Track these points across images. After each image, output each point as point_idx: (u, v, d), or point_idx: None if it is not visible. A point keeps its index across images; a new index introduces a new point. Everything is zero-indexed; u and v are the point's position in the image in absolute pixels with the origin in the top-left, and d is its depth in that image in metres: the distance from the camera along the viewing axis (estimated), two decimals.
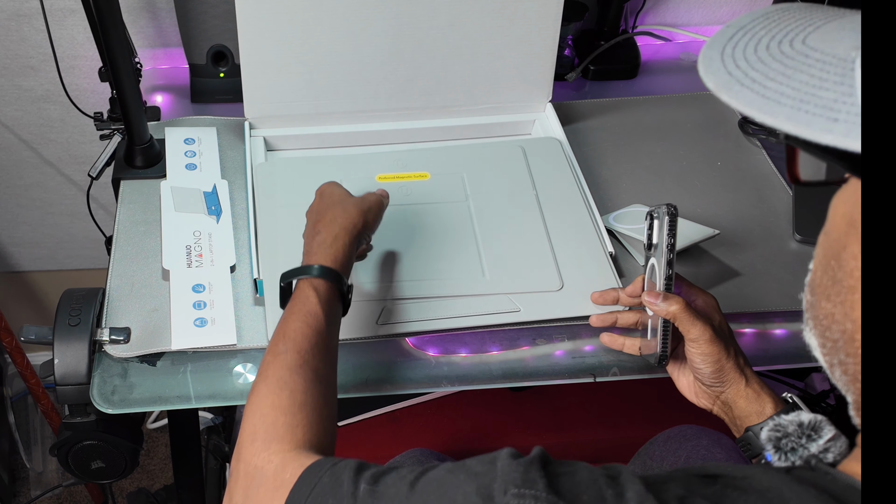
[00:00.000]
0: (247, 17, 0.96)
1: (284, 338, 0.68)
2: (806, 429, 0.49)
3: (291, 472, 0.57)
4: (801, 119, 0.40)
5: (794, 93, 0.41)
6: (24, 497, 1.67)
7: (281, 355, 0.67)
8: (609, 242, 0.95)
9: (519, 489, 0.43)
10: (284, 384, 0.64)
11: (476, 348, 0.88)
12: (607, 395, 1.28)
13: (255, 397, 0.65)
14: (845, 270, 0.43)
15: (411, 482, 0.48)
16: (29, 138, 1.35)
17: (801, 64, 0.42)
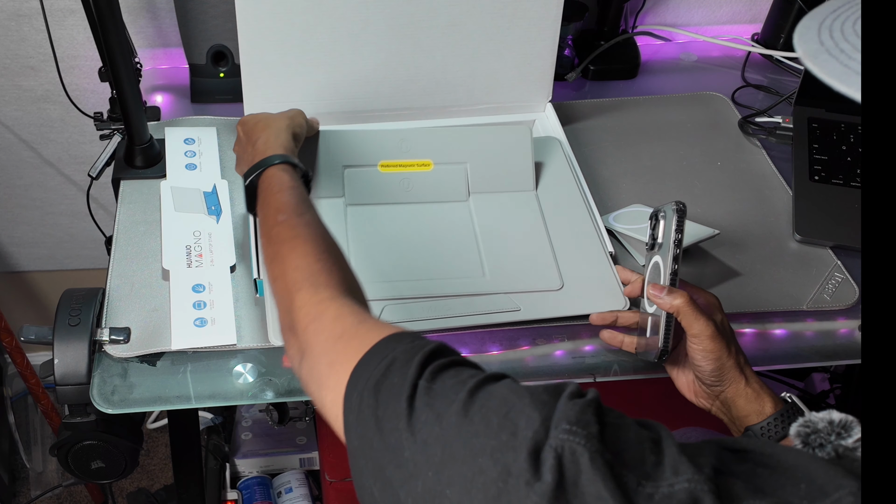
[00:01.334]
0: (247, 17, 0.96)
1: (278, 210, 0.71)
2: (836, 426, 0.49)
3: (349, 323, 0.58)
4: None
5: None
6: (24, 497, 1.67)
7: (283, 221, 0.70)
8: (609, 242, 0.95)
9: (572, 426, 0.43)
10: (303, 238, 0.67)
11: (476, 348, 0.88)
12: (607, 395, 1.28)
13: (278, 259, 0.67)
14: None
15: (471, 389, 0.48)
16: (29, 138, 1.35)
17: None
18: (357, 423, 0.51)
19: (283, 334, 0.65)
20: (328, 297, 0.61)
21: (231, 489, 1.46)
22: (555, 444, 0.43)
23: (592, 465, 0.41)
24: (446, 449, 0.45)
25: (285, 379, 0.83)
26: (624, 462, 0.42)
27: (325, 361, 0.57)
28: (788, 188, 1.06)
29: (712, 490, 0.40)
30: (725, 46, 1.33)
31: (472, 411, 0.46)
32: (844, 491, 0.39)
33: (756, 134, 1.15)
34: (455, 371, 0.50)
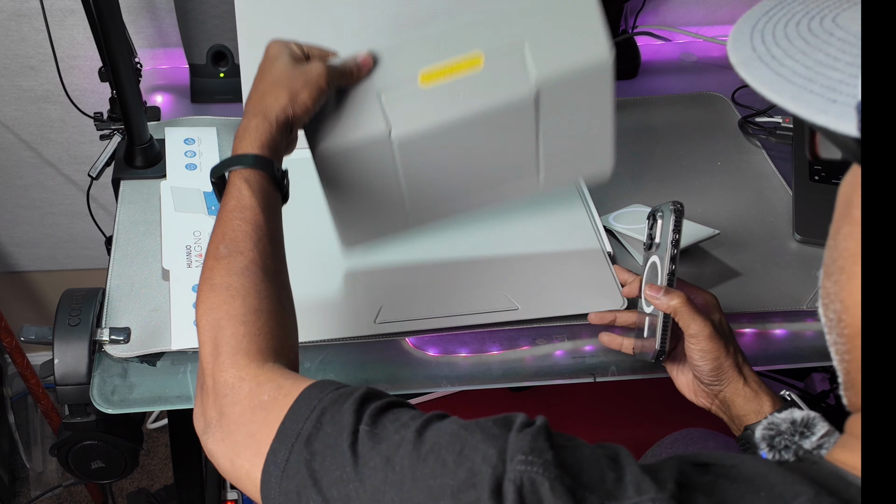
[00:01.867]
0: (246, 16, 0.96)
1: (224, 239, 0.63)
2: (799, 426, 0.49)
3: (270, 393, 0.55)
4: (803, 98, 0.40)
5: (807, 72, 0.41)
6: (24, 497, 1.67)
7: (224, 259, 0.62)
8: (608, 242, 0.95)
9: (526, 456, 0.43)
10: (235, 290, 0.60)
11: (476, 348, 0.88)
12: (607, 395, 1.28)
13: (206, 307, 0.61)
14: (839, 251, 0.43)
15: (418, 430, 0.47)
16: (29, 138, 1.35)
17: (822, 43, 0.42)
18: (284, 482, 0.49)
19: (196, 394, 0.61)
20: (247, 365, 0.58)
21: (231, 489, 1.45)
22: (513, 476, 0.42)
23: (553, 493, 0.41)
24: (402, 493, 0.45)
25: None
26: (584, 484, 0.42)
27: (242, 432, 0.54)
28: (788, 188, 1.06)
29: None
30: (725, 46, 1.33)
31: (424, 451, 0.46)
32: (802, 498, 0.39)
33: (756, 134, 1.15)
34: (394, 413, 0.49)
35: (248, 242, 0.63)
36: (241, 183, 0.65)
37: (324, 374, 0.85)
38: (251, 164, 0.66)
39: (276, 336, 0.60)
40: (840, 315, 0.43)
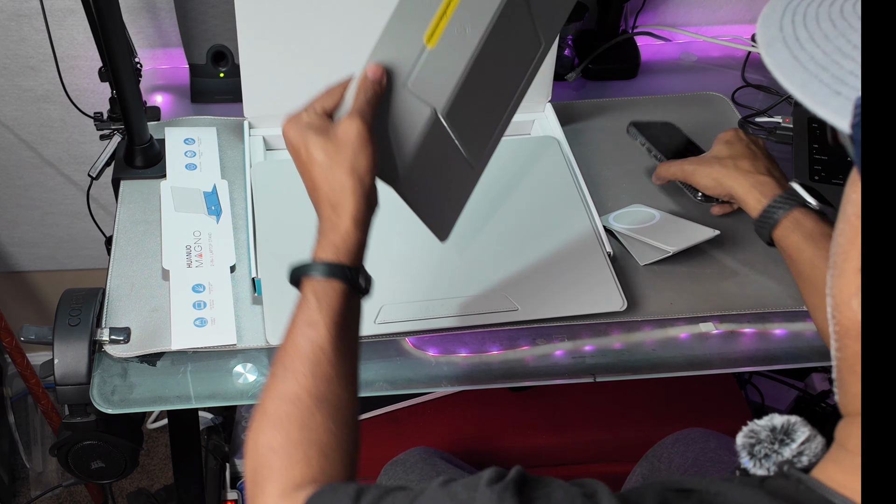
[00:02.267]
0: (246, 16, 0.96)
1: (286, 355, 0.61)
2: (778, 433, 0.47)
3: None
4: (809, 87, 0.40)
5: (824, 58, 0.40)
6: (24, 497, 1.67)
7: (280, 381, 0.60)
8: (608, 242, 0.95)
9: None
10: (279, 420, 0.58)
11: (476, 348, 0.88)
12: (607, 395, 1.28)
13: (253, 433, 0.60)
14: (836, 246, 0.42)
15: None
16: (29, 138, 1.35)
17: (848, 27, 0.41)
18: None
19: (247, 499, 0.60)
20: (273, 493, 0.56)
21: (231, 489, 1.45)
22: None
23: None
24: None
25: None
26: None
27: None
28: None
29: None
30: (725, 46, 1.33)
31: None
32: None
33: (756, 134, 1.15)
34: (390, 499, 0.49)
35: (306, 366, 0.60)
36: (311, 295, 0.62)
37: None
38: (322, 273, 0.62)
39: (316, 464, 0.58)
40: (833, 311, 0.42)
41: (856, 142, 0.37)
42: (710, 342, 0.90)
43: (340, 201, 0.63)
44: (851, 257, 0.40)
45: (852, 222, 0.39)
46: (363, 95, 0.66)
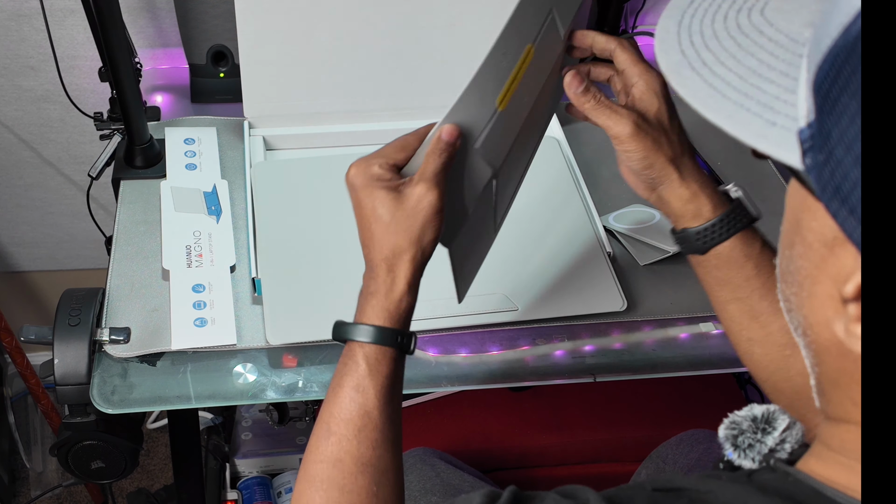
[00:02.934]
0: (246, 16, 0.96)
1: (332, 417, 0.60)
2: (760, 422, 0.47)
3: None
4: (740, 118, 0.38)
5: (740, 83, 0.39)
6: (24, 497, 1.67)
7: (324, 441, 0.59)
8: (608, 243, 0.95)
9: None
10: (320, 483, 0.58)
11: (476, 348, 0.88)
12: (607, 395, 1.28)
13: (296, 496, 0.59)
14: (795, 265, 0.41)
15: None
16: (29, 138, 1.35)
17: (753, 44, 0.39)
18: None
19: None
20: None
21: (231, 489, 1.45)
22: None
23: None
24: None
25: (285, 379, 0.83)
26: None
27: None
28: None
29: None
30: None
31: None
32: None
33: None
34: None
35: (352, 430, 0.59)
36: (362, 360, 0.60)
37: (325, 374, 0.85)
38: (375, 339, 0.60)
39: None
40: (805, 329, 0.41)
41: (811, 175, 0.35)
42: (710, 342, 0.90)
43: (398, 266, 0.61)
44: (821, 281, 0.39)
45: (815, 248, 0.38)
46: (439, 159, 0.62)
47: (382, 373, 0.61)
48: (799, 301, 0.41)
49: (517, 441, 1.24)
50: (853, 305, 0.36)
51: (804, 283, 0.40)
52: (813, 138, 0.35)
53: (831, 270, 0.37)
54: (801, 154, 0.36)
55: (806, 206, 0.39)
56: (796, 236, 0.40)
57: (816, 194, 0.36)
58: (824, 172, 0.35)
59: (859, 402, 0.39)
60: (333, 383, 0.61)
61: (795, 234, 0.40)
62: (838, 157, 0.34)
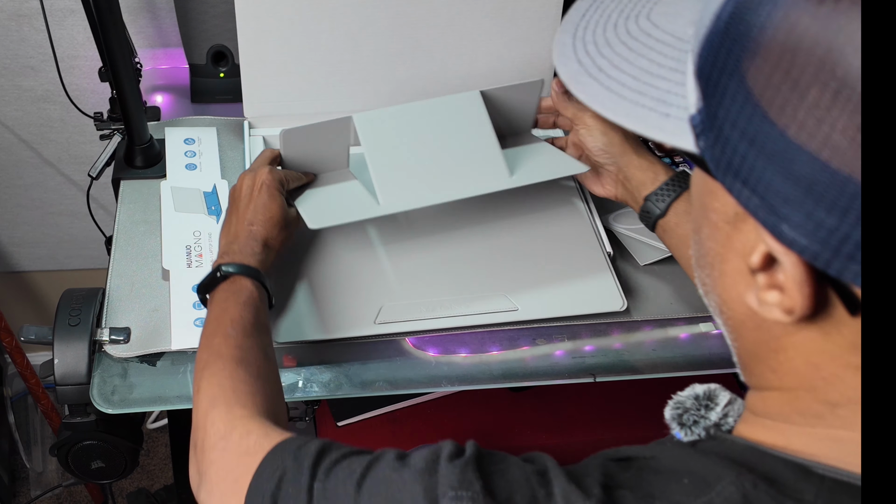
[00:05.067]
0: (246, 16, 0.96)
1: (233, 322, 0.70)
2: (702, 399, 0.49)
3: (255, 440, 0.56)
4: (638, 115, 0.41)
5: (634, 83, 0.42)
6: (24, 497, 1.67)
7: (232, 337, 0.68)
8: (608, 243, 0.95)
9: (456, 491, 0.43)
10: (240, 360, 0.66)
11: (476, 348, 0.88)
12: (607, 395, 1.28)
13: (211, 371, 0.65)
14: (705, 248, 0.44)
15: (358, 481, 0.47)
16: (29, 138, 1.35)
17: (643, 46, 0.42)
18: None
19: (190, 452, 0.63)
20: (241, 416, 0.60)
21: None
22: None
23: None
24: None
25: (285, 378, 0.83)
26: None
27: (230, 478, 0.55)
28: None
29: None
30: None
31: (361, 502, 0.46)
32: (726, 481, 0.40)
33: None
34: (347, 463, 0.50)
35: (255, 329, 0.70)
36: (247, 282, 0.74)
37: (324, 373, 0.85)
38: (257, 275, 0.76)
39: (273, 402, 0.64)
40: (720, 307, 0.44)
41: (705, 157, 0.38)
42: (710, 342, 0.90)
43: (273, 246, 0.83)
44: (729, 259, 0.41)
45: (720, 228, 0.41)
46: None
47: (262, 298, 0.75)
48: (712, 282, 0.44)
49: (517, 441, 1.24)
50: (761, 275, 0.39)
51: (715, 264, 0.43)
52: (703, 122, 0.38)
53: (737, 246, 0.40)
54: (694, 139, 0.39)
55: (707, 189, 0.42)
56: (703, 220, 0.43)
57: (712, 173, 0.39)
58: (716, 151, 0.38)
59: (777, 370, 0.42)
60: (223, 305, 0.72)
61: (702, 217, 0.43)
62: (726, 134, 0.37)
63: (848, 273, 0.34)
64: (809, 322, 0.38)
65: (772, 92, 0.35)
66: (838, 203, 0.33)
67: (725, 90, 0.37)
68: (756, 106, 0.35)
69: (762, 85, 0.35)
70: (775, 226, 0.36)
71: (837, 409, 0.40)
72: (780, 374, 0.42)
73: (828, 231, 0.34)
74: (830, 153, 0.33)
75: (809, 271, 0.36)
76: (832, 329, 0.38)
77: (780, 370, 0.42)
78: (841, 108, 0.32)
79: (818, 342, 0.39)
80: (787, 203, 0.35)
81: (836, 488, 0.38)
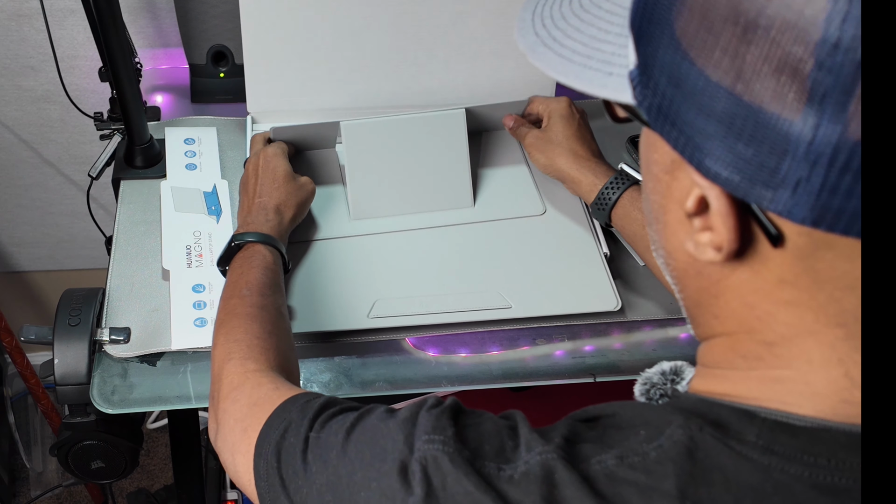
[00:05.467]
0: (250, 11, 0.96)
1: (248, 284, 0.74)
2: (669, 374, 0.52)
3: (265, 392, 0.59)
4: (585, 76, 0.44)
5: (584, 48, 0.45)
6: (24, 497, 1.67)
7: (247, 297, 0.72)
8: (604, 243, 0.95)
9: (429, 435, 0.45)
10: (254, 317, 0.70)
11: (476, 348, 0.88)
12: (607, 395, 1.28)
13: (227, 328, 0.69)
14: (650, 204, 0.46)
15: (347, 430, 0.50)
16: (29, 138, 1.35)
17: (594, 17, 0.46)
18: (269, 489, 0.53)
19: (209, 403, 0.67)
20: (254, 369, 0.64)
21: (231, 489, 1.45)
22: (418, 456, 0.45)
23: (453, 465, 0.43)
24: (336, 492, 0.47)
25: None
26: (483, 454, 0.44)
27: (239, 427, 0.58)
28: None
29: (562, 456, 0.42)
30: None
31: (348, 449, 0.48)
32: (674, 425, 0.42)
33: None
34: (341, 417, 0.52)
35: (269, 290, 0.74)
36: (265, 249, 0.79)
37: (324, 373, 0.85)
38: (274, 242, 0.81)
39: (284, 357, 0.68)
40: (667, 260, 0.47)
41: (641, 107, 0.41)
42: None
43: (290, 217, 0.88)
44: (670, 209, 0.44)
45: (661, 179, 0.43)
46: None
47: (279, 264, 0.80)
48: (658, 236, 0.46)
49: None
50: (697, 220, 0.41)
51: (659, 217, 0.45)
52: (640, 76, 0.41)
53: (675, 195, 0.43)
54: (632, 92, 0.42)
55: (649, 143, 0.44)
56: (648, 176, 0.46)
57: (648, 122, 0.41)
58: (648, 98, 0.41)
59: (719, 315, 0.44)
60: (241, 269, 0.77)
61: (647, 174, 0.46)
62: (656, 80, 0.40)
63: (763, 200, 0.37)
64: (740, 262, 0.41)
65: (691, 36, 0.37)
66: (754, 135, 0.36)
67: (655, 39, 0.40)
68: (678, 50, 0.38)
69: (683, 30, 0.38)
70: (700, 162, 0.38)
71: (774, 349, 0.42)
72: (721, 319, 0.44)
73: (745, 160, 0.37)
74: (743, 87, 0.36)
75: (732, 203, 0.39)
76: (760, 266, 0.40)
77: (721, 315, 0.44)
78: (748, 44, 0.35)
79: (750, 281, 0.41)
80: (709, 139, 0.38)
81: (777, 428, 0.40)
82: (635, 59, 0.42)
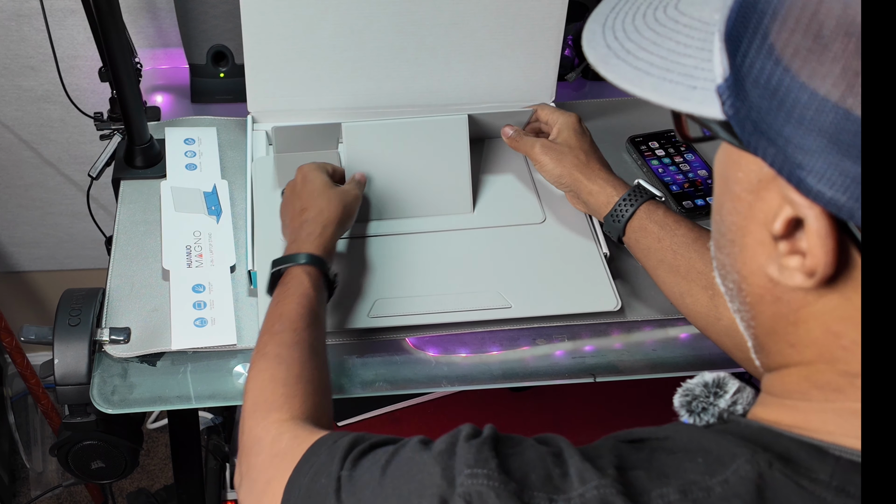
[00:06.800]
0: (251, 10, 0.96)
1: (281, 318, 0.71)
2: (711, 387, 0.50)
3: (287, 441, 0.59)
4: (664, 88, 0.43)
5: (661, 62, 0.43)
6: (24, 497, 1.67)
7: (278, 334, 0.70)
8: (604, 243, 0.95)
9: (472, 469, 0.44)
10: (282, 359, 0.68)
11: (476, 348, 0.88)
12: (607, 395, 1.28)
13: (255, 372, 0.68)
14: (726, 225, 0.44)
15: (383, 466, 0.49)
16: (29, 138, 1.35)
17: (670, 31, 0.44)
18: None
19: (237, 456, 0.66)
20: (277, 420, 0.63)
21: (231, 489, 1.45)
22: (461, 491, 0.43)
23: (499, 500, 0.42)
24: None
25: None
26: (530, 485, 0.43)
27: (262, 479, 0.58)
28: None
29: (620, 491, 0.41)
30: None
31: (385, 485, 0.47)
32: (741, 459, 0.40)
33: None
34: (372, 454, 0.51)
35: (302, 322, 0.71)
36: (303, 275, 0.75)
37: None
38: (312, 262, 0.77)
39: (312, 402, 0.66)
40: (739, 285, 0.44)
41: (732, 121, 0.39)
42: (710, 342, 0.90)
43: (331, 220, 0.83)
44: (751, 231, 0.42)
45: (743, 198, 0.42)
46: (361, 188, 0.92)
47: (319, 288, 0.76)
48: (732, 259, 0.44)
49: None
50: (783, 243, 0.39)
51: (735, 239, 0.43)
52: (729, 89, 0.39)
53: (759, 216, 0.41)
54: (721, 107, 0.40)
55: (731, 160, 0.43)
56: (725, 195, 0.44)
57: (739, 137, 0.39)
58: (741, 113, 0.39)
59: (796, 344, 0.42)
60: (279, 299, 0.74)
61: (724, 193, 0.44)
62: (750, 93, 0.38)
63: None
64: (830, 288, 0.39)
65: (794, 47, 0.36)
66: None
67: (749, 51, 0.38)
68: (778, 62, 0.36)
69: (786, 41, 0.36)
70: (800, 179, 0.36)
71: (857, 380, 0.39)
72: (798, 348, 0.42)
73: (852, 179, 0.34)
74: (854, 101, 0.34)
75: (833, 225, 0.37)
76: (853, 293, 0.38)
77: (798, 344, 0.42)
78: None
79: (839, 308, 0.39)
80: (811, 155, 0.36)
81: (852, 468, 0.38)
82: (726, 71, 0.40)
